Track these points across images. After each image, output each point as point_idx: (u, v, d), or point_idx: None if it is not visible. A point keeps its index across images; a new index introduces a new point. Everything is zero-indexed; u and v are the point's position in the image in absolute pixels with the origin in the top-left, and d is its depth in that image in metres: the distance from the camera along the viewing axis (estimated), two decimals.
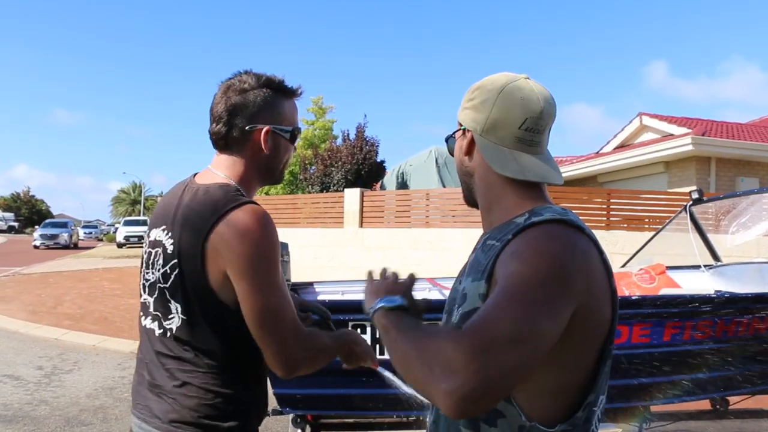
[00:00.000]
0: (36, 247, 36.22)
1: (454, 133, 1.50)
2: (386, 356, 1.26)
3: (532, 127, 1.35)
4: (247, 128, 1.80)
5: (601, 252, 1.26)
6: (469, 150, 1.42)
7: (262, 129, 1.80)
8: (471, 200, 1.50)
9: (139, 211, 54.33)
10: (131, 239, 36.01)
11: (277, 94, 1.85)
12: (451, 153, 1.52)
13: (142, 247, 1.98)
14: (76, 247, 39.18)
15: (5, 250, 34.15)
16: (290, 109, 1.87)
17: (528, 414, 1.20)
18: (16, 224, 66.94)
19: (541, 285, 1.10)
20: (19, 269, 21.91)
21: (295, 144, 1.93)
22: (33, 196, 76.97)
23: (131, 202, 58.82)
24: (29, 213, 74.36)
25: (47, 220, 43.59)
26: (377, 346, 3.42)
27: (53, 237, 37.09)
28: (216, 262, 1.64)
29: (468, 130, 1.41)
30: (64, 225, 40.65)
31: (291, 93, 1.88)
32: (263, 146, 1.81)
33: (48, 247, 36.09)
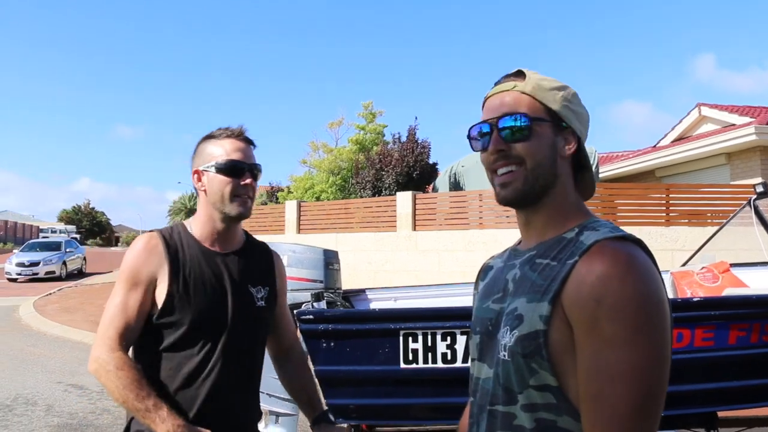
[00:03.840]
0: (12, 279, 23.71)
1: (537, 119, 1.28)
2: None
3: None
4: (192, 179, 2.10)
5: (655, 261, 1.21)
6: (568, 154, 1.32)
7: (193, 174, 2.08)
8: (528, 198, 1.30)
9: None
10: None
11: (204, 140, 2.09)
12: (515, 136, 1.28)
13: None
14: (73, 276, 25.63)
15: None
16: (215, 147, 2.04)
17: None
18: (77, 236, 69.13)
19: (652, 370, 1.08)
20: (82, 280, 22.55)
21: (243, 174, 2.02)
22: (93, 209, 78.81)
23: (187, 211, 59.74)
24: (90, 225, 76.31)
25: (32, 241, 28.67)
26: (429, 355, 3.36)
27: (33, 265, 23.96)
28: None
29: (572, 133, 1.33)
30: (54, 247, 26.44)
31: (215, 136, 2.07)
32: (198, 187, 2.07)
33: (30, 279, 23.65)
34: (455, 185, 16.42)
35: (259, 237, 2.33)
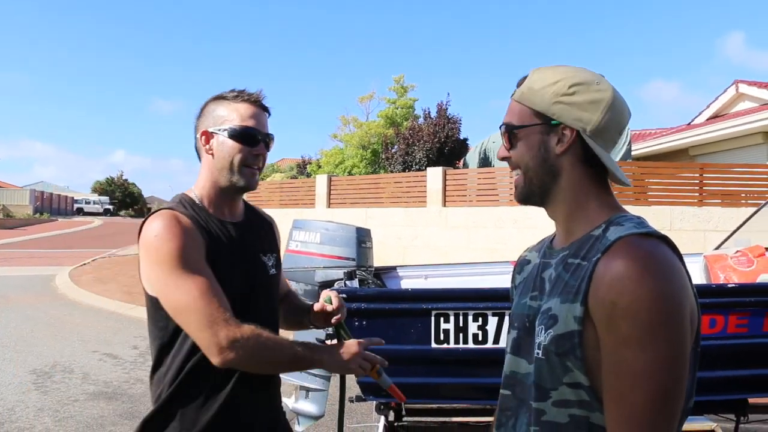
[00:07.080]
0: None
1: (526, 125, 1.34)
2: None
3: (623, 133, 1.39)
4: (196, 138, 1.97)
5: (681, 258, 1.22)
6: (567, 149, 1.32)
7: (201, 135, 1.95)
8: (532, 198, 1.38)
9: None
10: None
11: (215, 101, 1.97)
12: (510, 143, 1.38)
13: None
14: None
15: (102, 233, 35.73)
16: (228, 110, 1.92)
17: None
18: (111, 207, 70.27)
19: (668, 371, 1.10)
20: (116, 251, 22.89)
21: (257, 143, 1.93)
22: (126, 180, 79.65)
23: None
24: (122, 196, 77.15)
25: None
26: (461, 335, 3.39)
27: None
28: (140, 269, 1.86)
29: (567, 128, 1.31)
30: None
31: (229, 98, 1.94)
32: (204, 149, 1.95)
33: None
34: (485, 161, 16.32)
35: (291, 211, 2.29)
